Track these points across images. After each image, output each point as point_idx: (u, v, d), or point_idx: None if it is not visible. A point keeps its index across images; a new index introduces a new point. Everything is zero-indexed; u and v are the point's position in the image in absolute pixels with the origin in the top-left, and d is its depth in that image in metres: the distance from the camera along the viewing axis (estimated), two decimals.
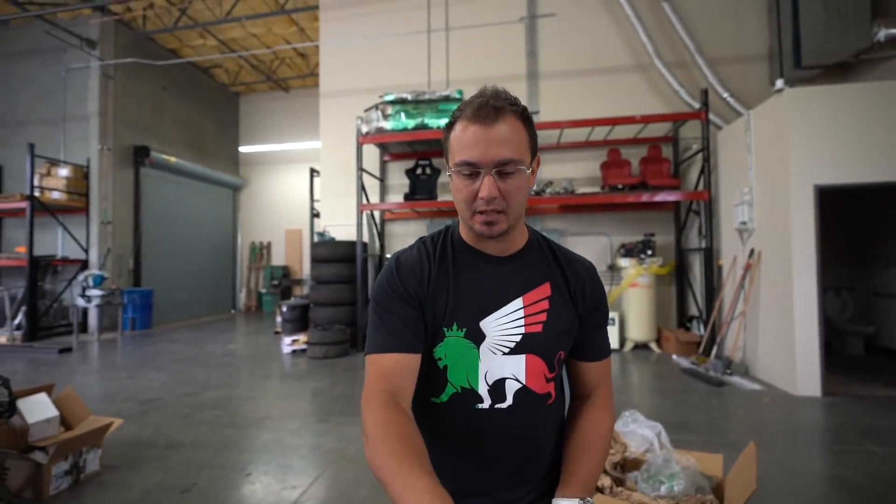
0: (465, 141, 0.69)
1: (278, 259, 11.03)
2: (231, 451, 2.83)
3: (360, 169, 6.19)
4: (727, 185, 5.22)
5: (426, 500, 0.53)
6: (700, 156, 5.58)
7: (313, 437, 3.05)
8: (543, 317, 0.76)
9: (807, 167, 3.96)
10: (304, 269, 10.38)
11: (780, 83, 4.12)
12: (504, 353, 0.74)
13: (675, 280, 6.13)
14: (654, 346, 5.72)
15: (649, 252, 5.74)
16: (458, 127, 0.71)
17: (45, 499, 2.23)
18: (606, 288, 6.21)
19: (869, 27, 4.94)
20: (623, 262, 5.82)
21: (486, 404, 0.74)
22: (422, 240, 0.82)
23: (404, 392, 0.70)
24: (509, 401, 0.75)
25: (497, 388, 0.74)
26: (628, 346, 5.76)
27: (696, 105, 5.68)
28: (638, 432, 2.12)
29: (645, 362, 5.19)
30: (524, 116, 0.72)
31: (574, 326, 0.80)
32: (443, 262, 0.78)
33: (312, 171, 8.29)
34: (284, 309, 6.62)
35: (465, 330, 0.74)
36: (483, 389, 0.74)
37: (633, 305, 5.72)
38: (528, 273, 0.79)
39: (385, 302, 0.74)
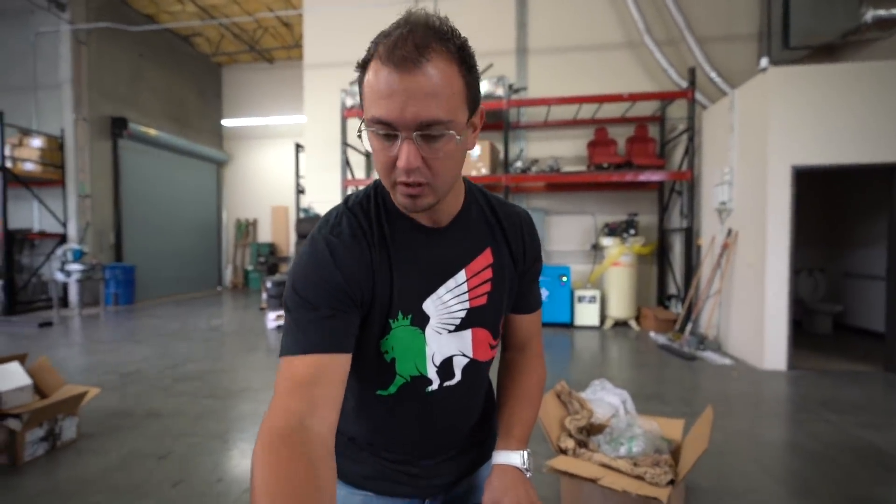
0: (378, 90, 0.52)
1: (265, 236, 10.93)
2: (209, 420, 2.87)
3: (345, 143, 6.10)
4: (710, 165, 5.27)
5: None
6: (685, 136, 5.60)
7: None
8: (488, 287, 0.69)
9: (785, 147, 4.00)
10: (291, 246, 10.31)
11: (764, 62, 4.12)
12: (450, 332, 0.68)
13: (657, 259, 6.23)
14: (633, 323, 5.85)
15: (632, 231, 5.80)
16: (370, 69, 0.53)
17: (20, 465, 2.24)
18: (589, 267, 6.30)
19: (857, 7, 4.92)
20: (606, 242, 5.88)
21: (436, 385, 0.70)
22: (349, 209, 0.65)
23: (328, 404, 0.54)
24: (458, 377, 0.71)
25: (445, 367, 0.69)
26: (608, 323, 5.89)
27: (684, 84, 5.67)
28: (605, 399, 2.19)
29: (624, 339, 5.32)
30: (461, 57, 0.53)
31: (515, 289, 0.75)
32: (381, 241, 0.64)
33: (298, 147, 8.15)
34: (269, 285, 6.59)
35: (410, 317, 0.65)
36: (432, 372, 0.69)
37: (614, 284, 5.81)
38: (467, 241, 0.68)
39: (314, 295, 0.57)
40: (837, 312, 5.51)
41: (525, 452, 0.72)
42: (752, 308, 4.25)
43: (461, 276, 0.67)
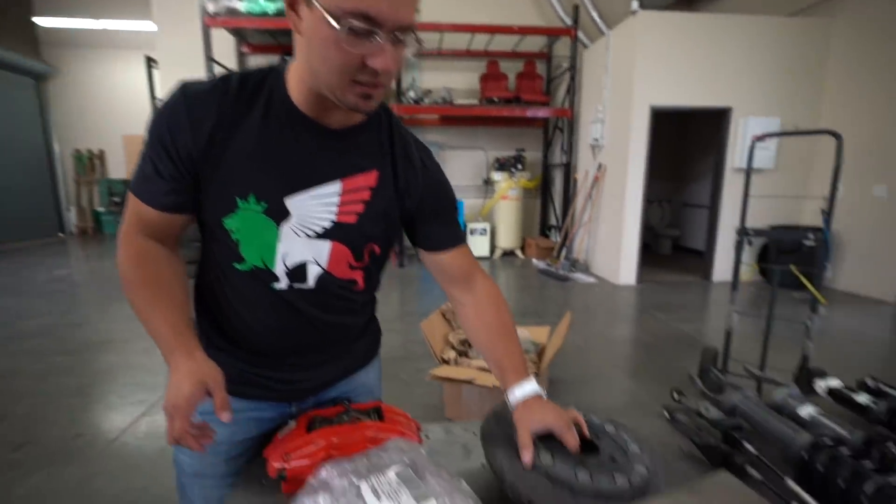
0: None
1: (118, 171, 9.18)
2: (60, 377, 2.50)
3: (210, 59, 5.21)
4: (588, 103, 5.68)
5: (174, 344, 0.58)
6: (568, 74, 5.89)
7: None
8: (360, 207, 0.67)
9: (646, 88, 4.46)
10: None
11: (635, 4, 4.41)
12: (308, 237, 0.66)
13: (540, 193, 6.74)
14: (519, 252, 6.38)
15: (520, 167, 6.13)
16: None
17: None
18: (480, 202, 6.58)
19: None
20: (497, 176, 6.15)
21: (283, 284, 0.68)
22: (228, 76, 0.63)
23: (170, 241, 0.68)
24: (311, 283, 0.69)
25: (297, 271, 0.68)
26: (497, 253, 6.34)
27: (570, 22, 5.85)
28: None
29: (510, 266, 5.80)
30: None
31: (395, 223, 0.72)
32: (248, 115, 0.61)
33: (150, 61, 6.74)
34: None
35: (264, 205, 0.63)
36: (280, 270, 0.67)
37: (503, 217, 6.19)
38: (356, 155, 0.67)
39: (150, 143, 0.61)
40: (676, 236, 6.66)
41: (532, 378, 0.71)
42: (613, 234, 4.91)
43: (336, 185, 0.65)
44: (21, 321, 3.49)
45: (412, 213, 0.74)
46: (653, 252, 6.62)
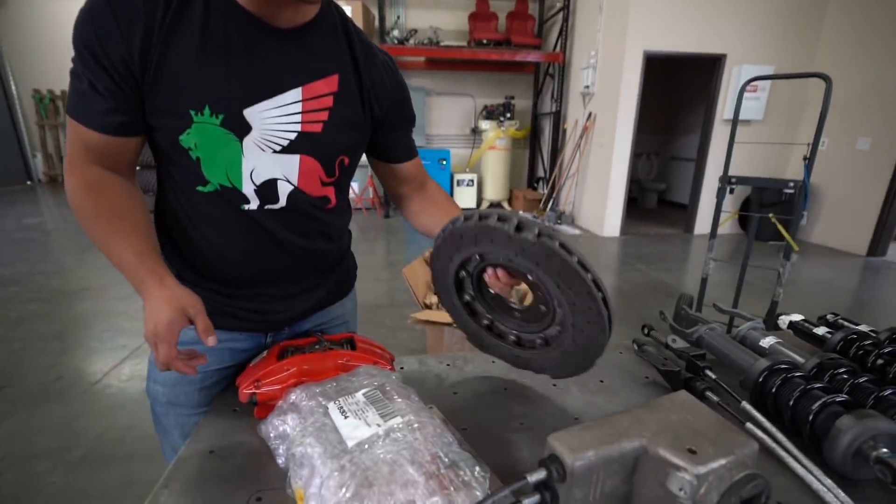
0: None
1: None
2: (36, 324, 2.47)
3: None
4: (580, 48, 5.44)
5: (142, 272, 0.56)
6: (560, 15, 5.58)
7: None
8: (325, 115, 0.64)
9: (641, 32, 4.27)
10: None
11: None
12: (275, 152, 0.63)
13: (529, 143, 6.60)
14: (506, 204, 6.34)
15: (508, 115, 5.95)
16: None
17: None
18: (468, 151, 6.43)
19: None
20: (484, 125, 5.97)
21: (254, 205, 0.65)
22: None
23: (123, 169, 0.62)
24: (282, 202, 0.66)
25: (266, 189, 0.65)
26: (484, 205, 6.29)
27: None
28: None
29: None
30: None
31: (362, 131, 0.70)
32: (185, 15, 0.56)
33: None
34: None
35: (220, 117, 0.58)
36: (248, 189, 0.64)
37: (490, 167, 6.09)
38: (314, 59, 0.63)
39: (81, 55, 0.54)
40: (662, 190, 6.68)
41: None
42: (600, 187, 4.89)
43: (296, 93, 0.62)
44: None
45: (378, 122, 0.72)
46: (638, 206, 6.66)
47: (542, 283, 0.56)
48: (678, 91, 6.64)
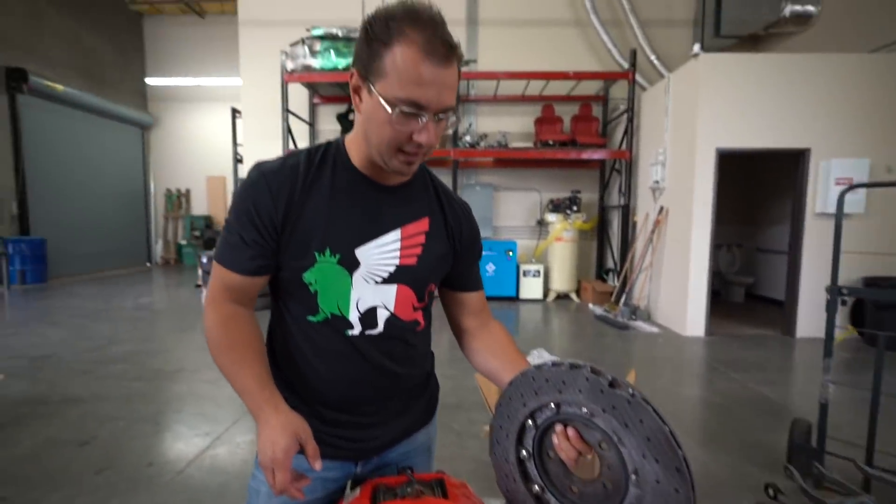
0: (414, 77, 0.60)
1: (200, 208, 10.19)
2: (138, 403, 2.70)
3: (286, 111, 5.75)
4: (647, 145, 5.55)
5: (261, 399, 0.64)
6: (625, 116, 5.83)
7: (231, 388, 2.99)
8: (419, 250, 0.76)
9: (711, 131, 4.29)
10: None
11: (696, 48, 4.34)
12: (376, 283, 0.74)
13: (597, 235, 6.55)
14: (574, 296, 6.17)
15: (575, 208, 6.04)
16: (400, 53, 0.59)
17: None
18: (533, 243, 6.51)
19: (779, 2, 5.29)
20: (551, 218, 6.09)
21: (357, 331, 0.74)
22: (296, 152, 0.75)
23: (249, 303, 0.74)
24: (380, 328, 0.75)
25: (368, 316, 0.74)
26: (551, 296, 6.16)
27: (626, 66, 5.85)
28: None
29: (565, 311, 5.61)
30: (459, 56, 0.66)
31: (447, 262, 0.81)
32: (318, 181, 0.72)
33: (234, 112, 7.57)
34: (205, 260, 6.21)
35: (338, 256, 0.71)
36: (354, 317, 0.73)
37: (557, 258, 6.06)
38: (409, 205, 0.77)
39: (235, 216, 0.69)
40: (749, 284, 6.14)
41: None
42: (678, 280, 4.63)
43: (396, 233, 0.74)
44: (110, 347, 3.85)
45: (456, 256, 0.82)
46: (723, 300, 6.14)
47: (620, 453, 0.52)
48: (759, 181, 6.39)
